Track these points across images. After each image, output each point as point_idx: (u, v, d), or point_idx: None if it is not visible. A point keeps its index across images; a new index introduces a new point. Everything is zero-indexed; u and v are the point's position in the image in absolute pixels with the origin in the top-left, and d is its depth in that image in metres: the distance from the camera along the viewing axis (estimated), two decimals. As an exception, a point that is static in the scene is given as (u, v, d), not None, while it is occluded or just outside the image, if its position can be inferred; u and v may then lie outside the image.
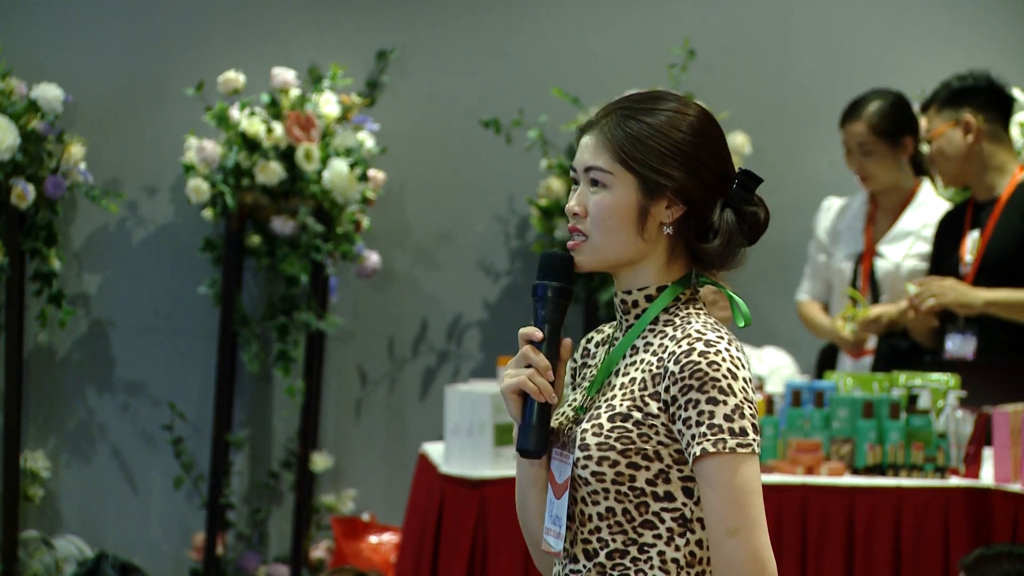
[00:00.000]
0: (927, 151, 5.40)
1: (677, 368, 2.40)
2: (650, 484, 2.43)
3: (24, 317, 6.06)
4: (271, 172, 6.03)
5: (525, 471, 2.57)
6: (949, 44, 6.57)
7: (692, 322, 2.46)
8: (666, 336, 2.46)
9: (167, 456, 6.40)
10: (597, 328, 2.64)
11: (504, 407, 4.64)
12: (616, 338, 2.54)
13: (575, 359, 2.63)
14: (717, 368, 2.39)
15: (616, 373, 2.50)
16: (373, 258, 6.32)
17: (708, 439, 2.38)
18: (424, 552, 4.66)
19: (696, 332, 2.43)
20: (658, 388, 2.43)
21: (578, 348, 2.63)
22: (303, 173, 6.09)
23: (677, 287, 2.50)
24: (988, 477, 4.48)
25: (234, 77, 6.12)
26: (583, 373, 2.60)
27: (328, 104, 6.18)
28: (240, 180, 6.09)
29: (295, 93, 6.15)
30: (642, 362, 2.47)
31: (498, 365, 4.98)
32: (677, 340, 2.43)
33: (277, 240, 6.19)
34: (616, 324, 2.57)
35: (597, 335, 2.62)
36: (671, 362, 2.41)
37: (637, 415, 2.43)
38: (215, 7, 6.51)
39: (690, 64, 6.46)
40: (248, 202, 6.16)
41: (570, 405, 2.56)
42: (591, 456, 2.43)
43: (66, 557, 6.26)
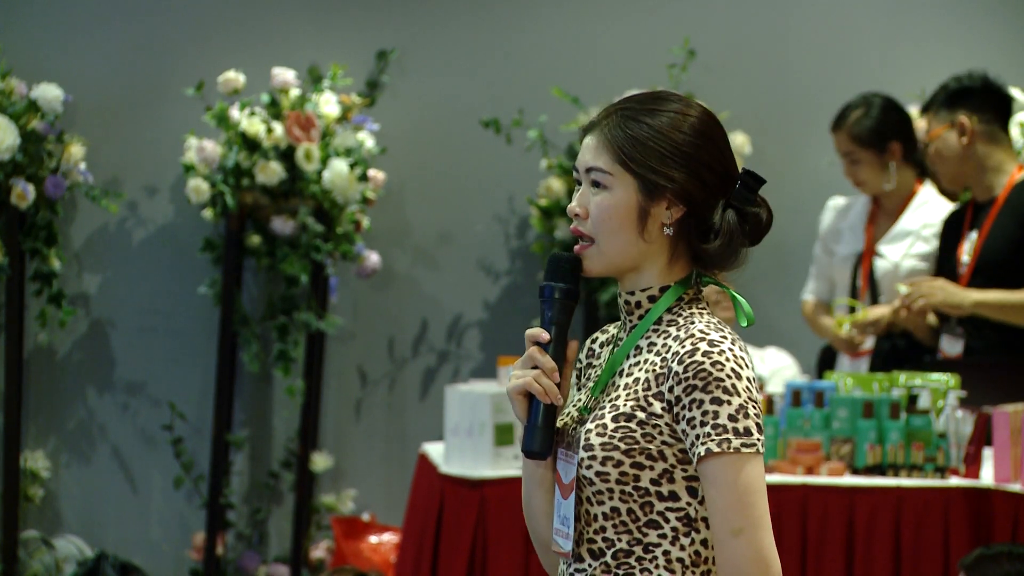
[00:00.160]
0: (930, 150, 5.40)
1: (681, 368, 2.40)
2: (654, 484, 2.43)
3: (24, 317, 6.06)
4: (271, 172, 6.03)
5: (531, 472, 2.57)
6: (949, 44, 6.57)
7: (695, 322, 2.46)
8: (669, 336, 2.47)
9: (167, 456, 6.40)
10: (602, 328, 2.65)
11: (504, 407, 4.67)
12: (620, 338, 2.54)
13: (580, 359, 2.63)
14: (721, 368, 2.39)
15: (620, 373, 2.50)
16: (373, 258, 6.32)
17: (713, 439, 2.38)
18: (424, 552, 4.66)
19: (700, 332, 2.43)
20: (662, 388, 2.43)
21: (583, 348, 2.63)
22: (303, 173, 6.09)
23: (680, 287, 2.50)
24: (988, 477, 4.48)
25: (234, 77, 6.12)
26: (587, 373, 2.60)
27: (328, 104, 6.18)
28: (240, 180, 6.09)
29: (295, 93, 6.15)
30: (646, 362, 2.47)
31: (498, 365, 4.97)
32: (681, 340, 2.43)
33: (277, 240, 6.19)
34: (620, 324, 2.57)
35: (601, 335, 2.62)
36: (675, 362, 2.42)
37: (641, 415, 2.43)
38: (215, 7, 6.51)
39: (690, 64, 6.46)
40: (248, 202, 6.16)
41: (575, 405, 2.56)
42: (595, 456, 2.43)
43: (66, 557, 6.26)
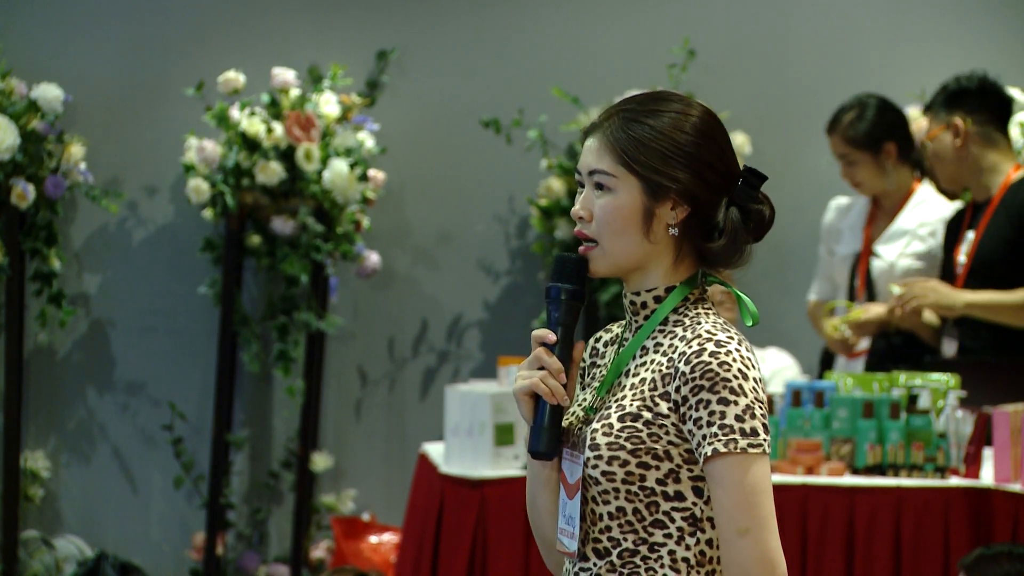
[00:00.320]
0: (928, 151, 5.40)
1: (688, 368, 2.41)
2: (660, 484, 2.43)
3: (24, 317, 6.06)
4: (271, 172, 6.03)
5: (536, 472, 2.57)
6: (949, 44, 6.57)
7: (702, 322, 2.46)
8: (676, 336, 2.47)
9: (167, 456, 6.40)
10: (606, 327, 2.64)
11: (504, 407, 4.67)
12: (626, 338, 2.54)
13: (584, 359, 2.63)
14: (728, 368, 2.39)
15: (626, 374, 2.50)
16: (373, 258, 6.32)
17: (719, 439, 2.38)
18: (424, 552, 4.66)
19: (707, 333, 2.43)
20: (668, 388, 2.43)
21: (587, 347, 2.63)
22: (303, 173, 6.09)
23: (685, 287, 2.50)
24: (988, 477, 4.47)
25: (234, 77, 6.12)
26: (592, 373, 2.60)
27: (328, 104, 6.18)
28: (240, 180, 6.09)
29: (295, 93, 6.15)
30: (652, 362, 2.47)
31: (498, 365, 4.97)
32: (687, 340, 2.44)
33: (277, 240, 6.19)
34: (625, 324, 2.57)
35: (606, 334, 2.62)
36: (682, 362, 2.42)
37: (647, 415, 2.43)
38: (215, 7, 6.51)
39: (690, 64, 6.46)
40: (248, 202, 6.16)
41: (580, 405, 2.56)
42: (601, 456, 2.43)
43: (66, 557, 6.26)
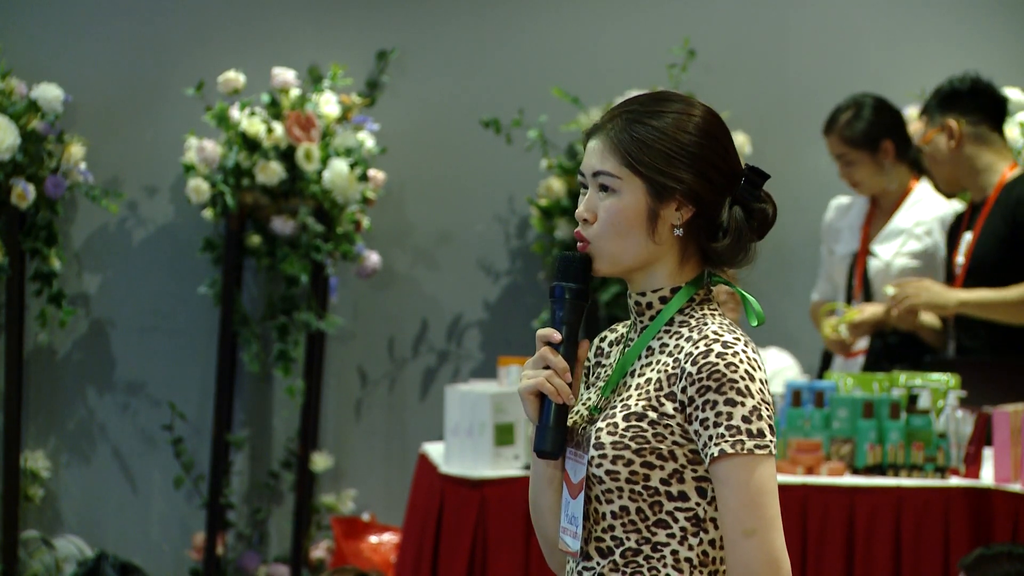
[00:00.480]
0: (924, 154, 5.40)
1: (695, 369, 2.41)
2: (664, 483, 2.43)
3: (24, 317, 6.06)
4: (271, 172, 6.03)
5: (540, 471, 2.57)
6: (949, 44, 6.57)
7: (708, 323, 2.46)
8: (682, 337, 2.47)
9: (167, 456, 6.40)
10: (611, 327, 2.64)
11: (504, 407, 4.67)
12: (631, 339, 2.54)
13: (588, 358, 2.62)
14: (735, 369, 2.39)
15: (631, 374, 2.50)
16: (373, 258, 6.32)
17: (726, 440, 2.38)
18: (424, 552, 4.66)
19: (713, 333, 2.43)
20: (674, 388, 2.43)
21: (591, 347, 2.63)
22: (303, 173, 6.09)
23: (691, 288, 2.50)
24: (988, 477, 4.48)
25: (234, 77, 6.12)
26: (597, 372, 2.60)
27: (328, 104, 6.18)
28: (240, 180, 6.09)
29: (295, 93, 6.15)
30: (658, 363, 2.47)
31: (498, 365, 4.97)
32: (694, 341, 2.44)
33: (277, 240, 6.19)
34: (630, 324, 2.57)
35: (610, 334, 2.62)
36: (688, 363, 2.42)
37: (652, 415, 2.43)
38: (215, 7, 6.51)
39: (690, 64, 6.46)
40: (248, 202, 6.16)
41: (584, 405, 2.55)
42: (606, 455, 2.43)
43: (66, 557, 6.26)
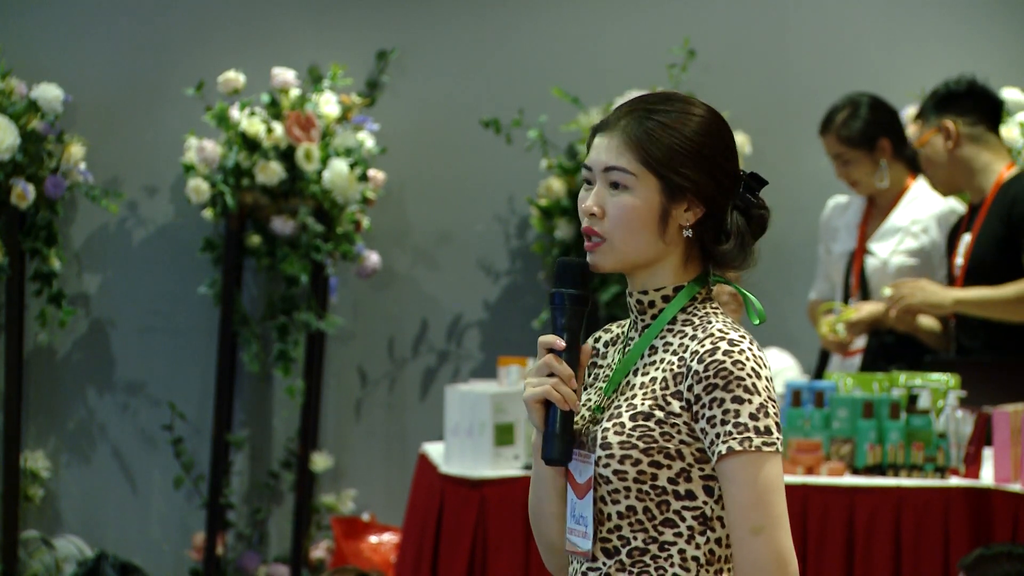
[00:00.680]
0: (921, 156, 5.40)
1: (701, 367, 2.41)
2: (671, 483, 2.43)
3: (24, 317, 6.06)
4: (271, 172, 6.03)
5: (542, 476, 2.56)
6: (949, 44, 6.57)
7: (712, 322, 2.47)
8: (686, 336, 2.47)
9: (167, 456, 6.40)
10: (604, 328, 2.64)
11: (504, 407, 4.67)
12: (631, 338, 2.54)
13: None
14: (742, 367, 2.40)
15: (634, 373, 2.50)
16: (373, 258, 6.32)
17: (734, 438, 2.39)
18: (424, 552, 4.66)
19: (719, 332, 2.44)
20: (680, 387, 2.43)
21: None
22: (303, 173, 6.09)
23: (694, 287, 2.51)
24: (988, 477, 4.47)
25: (234, 77, 6.12)
26: (594, 373, 2.60)
27: (328, 104, 6.18)
28: (240, 180, 6.09)
29: (295, 93, 6.15)
30: (662, 362, 2.47)
31: (498, 365, 4.97)
32: (699, 340, 2.44)
33: (277, 240, 6.19)
34: (629, 324, 2.56)
35: (605, 334, 2.61)
36: (695, 361, 2.42)
37: (659, 414, 2.44)
38: (215, 7, 6.51)
39: (690, 64, 6.46)
40: (248, 202, 6.16)
41: (585, 406, 2.55)
42: (613, 455, 2.43)
43: (66, 557, 6.26)
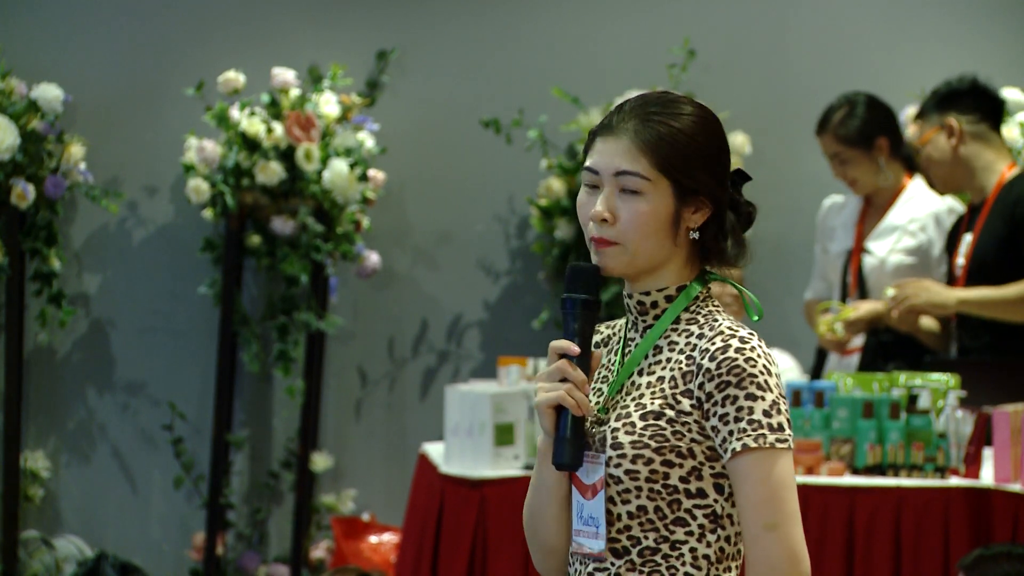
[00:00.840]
0: (922, 155, 5.40)
1: (713, 365, 2.41)
2: (683, 481, 2.43)
3: (24, 317, 6.07)
4: (271, 172, 6.03)
5: (545, 480, 2.54)
6: (949, 44, 6.57)
7: (719, 320, 2.47)
8: (692, 335, 2.47)
9: (167, 456, 6.40)
10: (594, 329, 2.63)
11: (504, 407, 4.67)
12: (631, 339, 2.54)
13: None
14: (754, 364, 2.40)
15: (639, 373, 2.49)
16: (373, 258, 6.32)
17: (748, 435, 2.39)
18: (424, 552, 4.66)
19: (728, 329, 2.44)
20: (690, 385, 2.43)
21: None
22: (303, 173, 6.09)
23: (695, 286, 2.51)
24: (988, 477, 4.47)
25: (234, 77, 6.12)
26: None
27: (328, 104, 6.18)
28: (240, 180, 6.10)
29: (295, 93, 6.15)
30: (668, 361, 2.47)
31: (498, 365, 4.97)
32: (709, 338, 2.44)
33: (277, 240, 6.19)
34: (626, 324, 2.56)
35: (596, 336, 2.61)
36: (706, 359, 2.42)
37: (670, 413, 2.43)
38: (215, 7, 6.51)
39: (690, 64, 6.46)
40: (248, 202, 6.16)
41: None
42: (625, 455, 2.43)
43: (66, 557, 6.26)
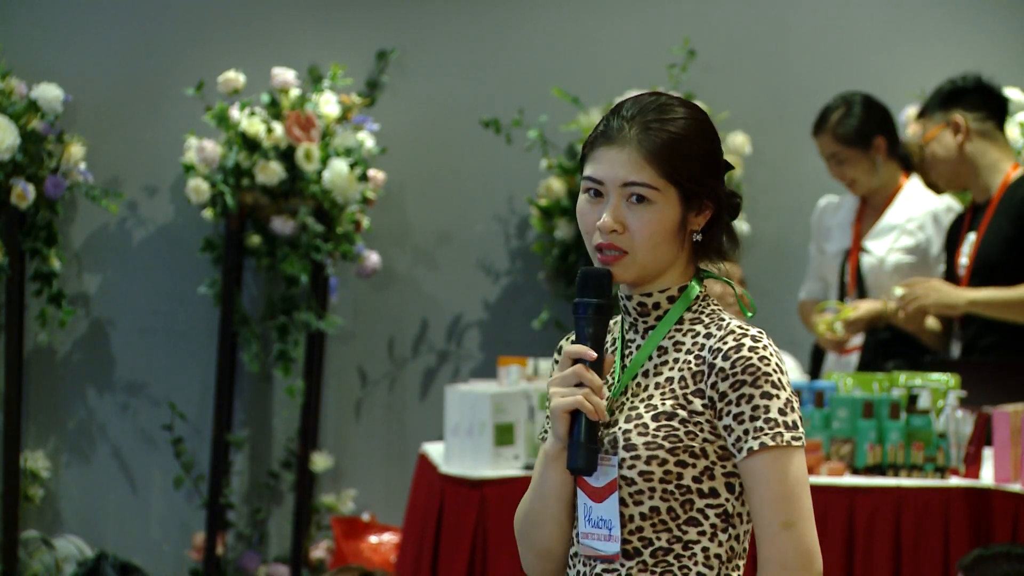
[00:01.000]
0: (926, 152, 5.40)
1: (727, 364, 2.41)
2: (696, 481, 2.43)
3: (24, 317, 6.07)
4: (271, 172, 6.03)
5: (548, 482, 2.53)
6: (949, 44, 6.57)
7: (726, 319, 2.47)
8: (699, 334, 2.47)
9: (167, 456, 6.40)
10: (607, 332, 2.62)
11: (504, 407, 4.67)
12: (631, 340, 2.53)
13: (557, 362, 2.59)
14: (767, 363, 2.41)
15: (644, 374, 2.49)
16: (373, 258, 6.32)
17: (765, 433, 2.39)
18: (424, 552, 4.66)
19: (739, 329, 2.44)
20: (701, 385, 2.43)
21: (561, 352, 2.59)
22: (303, 173, 6.09)
23: (696, 286, 2.51)
24: (988, 477, 4.47)
25: (234, 77, 6.12)
26: None
27: (328, 104, 6.18)
28: (240, 180, 6.10)
29: (295, 93, 6.15)
30: (676, 361, 2.47)
31: (498, 365, 4.97)
32: (719, 337, 2.44)
33: (277, 240, 6.19)
34: (624, 326, 2.55)
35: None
36: (718, 358, 2.42)
37: (682, 413, 2.43)
38: (215, 7, 6.51)
39: (690, 64, 6.46)
40: (248, 202, 6.16)
41: None
42: (639, 456, 2.43)
43: (66, 557, 6.26)
